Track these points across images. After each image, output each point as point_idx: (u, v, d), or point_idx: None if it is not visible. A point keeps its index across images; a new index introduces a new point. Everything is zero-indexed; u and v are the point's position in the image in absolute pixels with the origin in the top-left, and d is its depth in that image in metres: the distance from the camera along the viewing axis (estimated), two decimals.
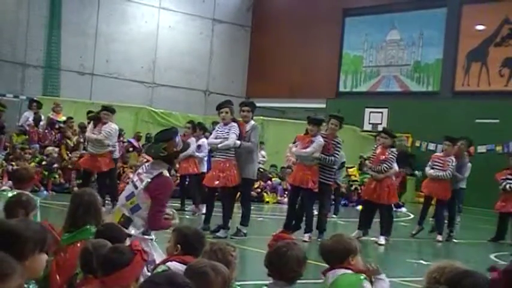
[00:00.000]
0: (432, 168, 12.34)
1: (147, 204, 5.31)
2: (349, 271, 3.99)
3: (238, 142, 10.02)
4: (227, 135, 10.02)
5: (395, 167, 11.52)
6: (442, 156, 12.38)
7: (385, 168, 11.09)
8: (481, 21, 22.23)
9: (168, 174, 5.52)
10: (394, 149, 11.40)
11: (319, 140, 10.46)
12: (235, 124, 10.14)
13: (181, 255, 3.92)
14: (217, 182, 10.14)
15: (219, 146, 10.05)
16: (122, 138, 17.37)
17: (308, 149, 10.46)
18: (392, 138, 11.42)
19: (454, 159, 12.19)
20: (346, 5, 25.69)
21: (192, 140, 13.50)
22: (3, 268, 2.46)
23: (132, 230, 5.17)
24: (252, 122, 10.43)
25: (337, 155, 10.75)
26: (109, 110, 12.77)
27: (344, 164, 15.24)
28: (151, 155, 5.66)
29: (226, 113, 10.18)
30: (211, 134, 11.25)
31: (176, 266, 3.72)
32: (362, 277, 3.98)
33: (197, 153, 13.54)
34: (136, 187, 5.40)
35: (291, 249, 3.72)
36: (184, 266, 3.53)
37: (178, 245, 3.99)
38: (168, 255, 4.11)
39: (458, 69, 22.72)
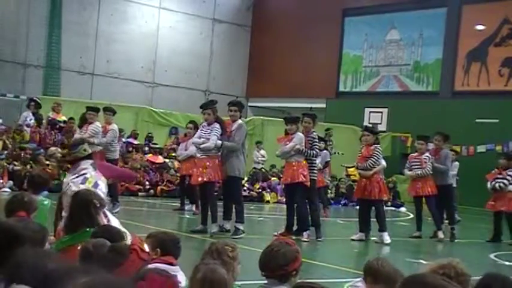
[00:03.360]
0: (410, 170, 12.45)
1: (104, 180, 6.26)
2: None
3: (219, 142, 10.23)
4: (208, 135, 10.27)
5: (383, 162, 11.67)
6: (417, 156, 12.47)
7: (370, 164, 11.20)
8: (480, 21, 22.27)
9: None
10: (378, 145, 11.53)
11: (299, 134, 10.64)
12: (217, 125, 10.35)
13: (162, 257, 4.03)
14: (200, 179, 10.34)
15: (201, 146, 10.32)
16: (121, 139, 17.35)
17: (289, 144, 10.60)
18: (374, 135, 11.55)
19: (429, 156, 12.34)
20: (346, 5, 25.74)
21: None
22: None
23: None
24: (239, 121, 10.59)
25: (316, 148, 10.89)
26: (93, 110, 12.85)
27: (328, 162, 15.30)
28: (74, 159, 6.62)
29: (209, 114, 10.40)
30: None
31: (160, 267, 3.81)
32: None
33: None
34: (84, 174, 6.24)
35: (281, 247, 3.70)
36: (167, 266, 3.75)
37: (158, 249, 4.09)
38: None
39: (458, 69, 22.76)
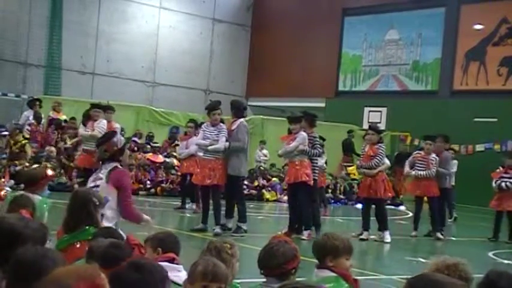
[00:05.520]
0: (412, 168, 12.38)
1: (114, 196, 5.84)
2: (332, 274, 3.87)
3: (227, 144, 10.32)
4: (216, 136, 10.32)
5: (387, 161, 11.71)
6: (424, 155, 12.41)
7: (375, 163, 11.23)
8: (479, 21, 22.33)
9: (121, 168, 6.14)
10: (382, 144, 11.55)
11: (302, 134, 10.70)
12: (224, 126, 10.43)
13: (164, 255, 4.09)
14: (209, 181, 10.37)
15: (209, 148, 10.36)
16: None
17: (292, 144, 10.66)
18: (378, 134, 11.59)
19: (436, 158, 12.31)
20: (345, 5, 25.81)
21: (194, 140, 13.57)
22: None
23: (104, 223, 5.27)
24: (241, 120, 10.67)
25: (318, 148, 10.92)
26: (99, 107, 12.88)
27: (325, 162, 15.34)
28: (98, 159, 6.32)
29: (219, 114, 10.46)
30: None
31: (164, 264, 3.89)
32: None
33: (199, 153, 13.55)
34: (97, 185, 5.88)
35: (280, 246, 3.75)
36: (169, 265, 3.79)
37: (159, 249, 4.15)
38: None
39: (457, 69, 22.82)
